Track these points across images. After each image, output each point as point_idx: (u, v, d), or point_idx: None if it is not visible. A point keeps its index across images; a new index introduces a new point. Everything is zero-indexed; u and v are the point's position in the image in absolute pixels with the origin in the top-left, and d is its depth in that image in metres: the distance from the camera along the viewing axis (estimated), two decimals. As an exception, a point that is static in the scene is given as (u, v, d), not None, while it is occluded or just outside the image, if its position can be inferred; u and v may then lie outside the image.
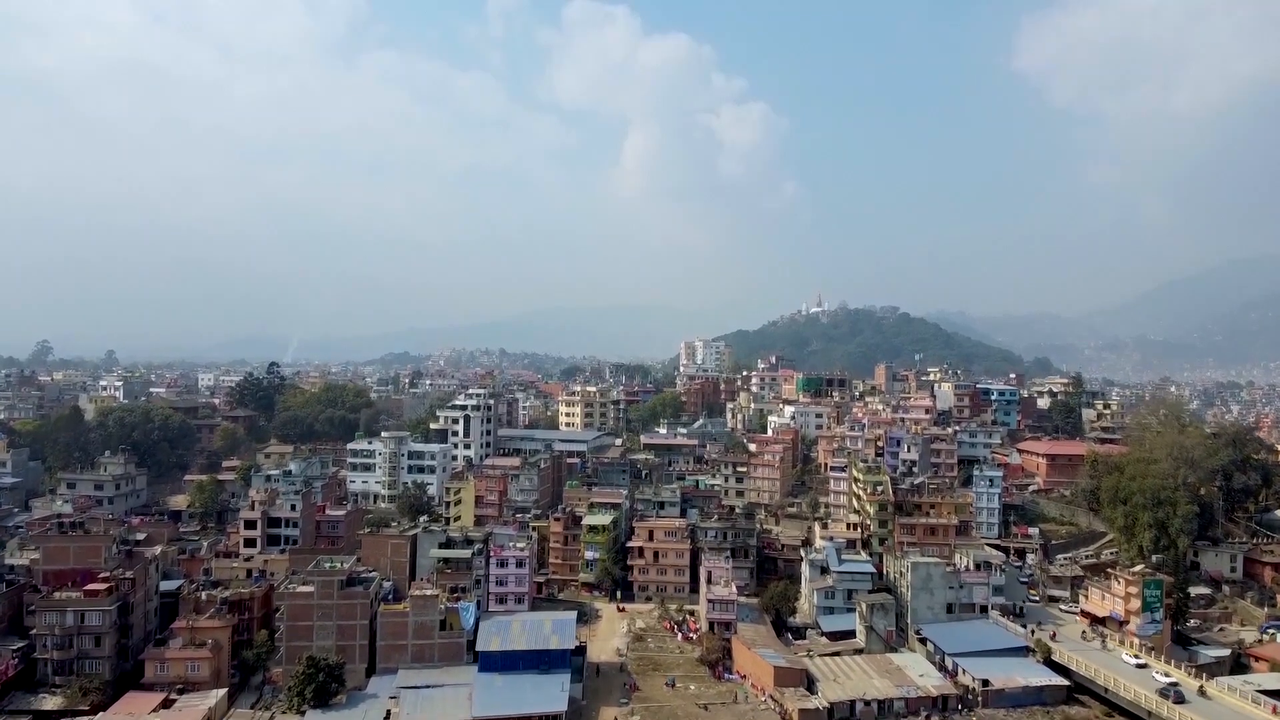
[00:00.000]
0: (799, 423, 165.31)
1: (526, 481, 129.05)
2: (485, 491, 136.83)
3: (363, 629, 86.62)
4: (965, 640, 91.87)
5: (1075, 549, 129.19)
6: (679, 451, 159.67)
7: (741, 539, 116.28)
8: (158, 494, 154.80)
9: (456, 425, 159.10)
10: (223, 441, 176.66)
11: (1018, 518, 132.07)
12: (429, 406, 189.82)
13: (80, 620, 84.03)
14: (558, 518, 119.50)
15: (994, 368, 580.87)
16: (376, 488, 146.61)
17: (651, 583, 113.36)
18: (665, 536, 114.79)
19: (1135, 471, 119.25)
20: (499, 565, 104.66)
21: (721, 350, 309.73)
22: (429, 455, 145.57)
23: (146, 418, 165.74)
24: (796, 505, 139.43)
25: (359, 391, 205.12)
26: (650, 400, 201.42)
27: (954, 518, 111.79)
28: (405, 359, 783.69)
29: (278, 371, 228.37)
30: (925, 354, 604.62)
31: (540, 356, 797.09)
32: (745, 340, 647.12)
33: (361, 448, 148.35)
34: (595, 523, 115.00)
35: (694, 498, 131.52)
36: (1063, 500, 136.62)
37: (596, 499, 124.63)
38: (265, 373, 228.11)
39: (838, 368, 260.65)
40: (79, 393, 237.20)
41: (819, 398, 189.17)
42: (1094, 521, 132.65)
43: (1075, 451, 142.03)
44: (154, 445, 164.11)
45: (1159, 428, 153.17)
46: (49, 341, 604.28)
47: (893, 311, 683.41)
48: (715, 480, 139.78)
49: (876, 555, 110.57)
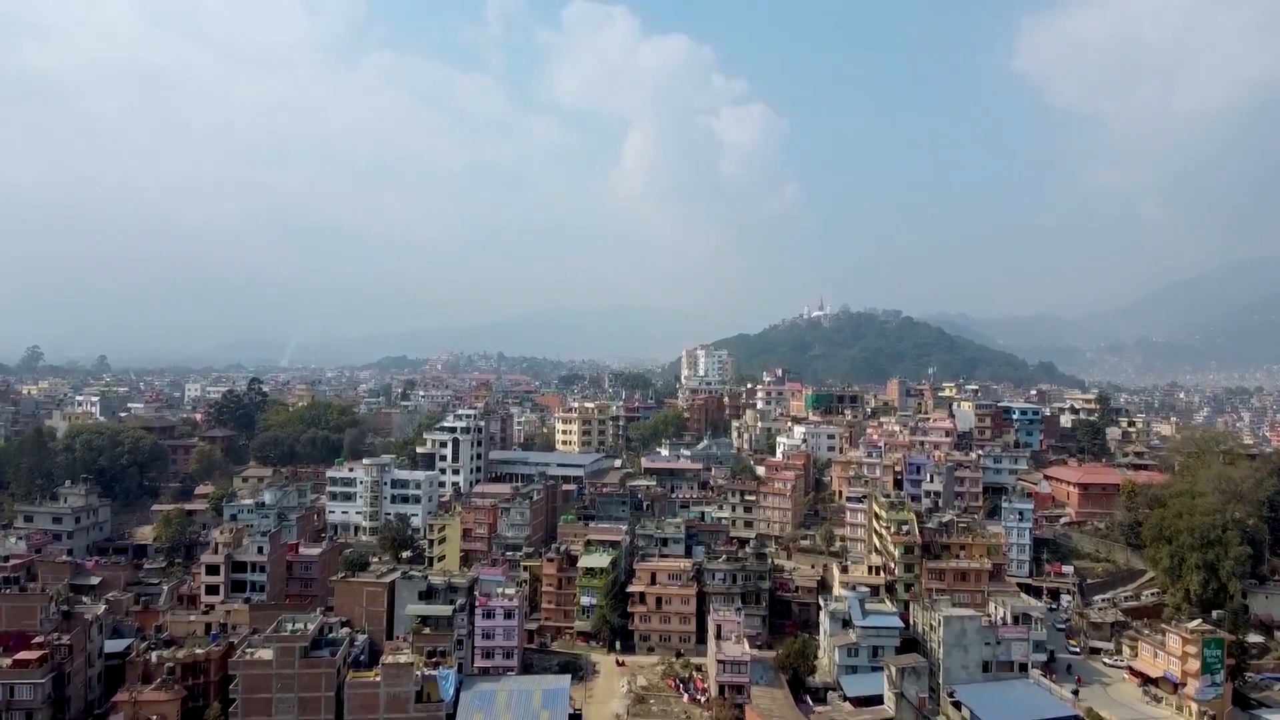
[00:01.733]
0: (810, 444, 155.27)
1: (517, 515, 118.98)
2: (473, 524, 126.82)
3: (328, 702, 76.45)
4: (1005, 706, 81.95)
5: (1113, 588, 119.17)
6: (682, 477, 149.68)
7: (753, 582, 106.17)
8: (124, 525, 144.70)
9: (445, 449, 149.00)
10: (198, 464, 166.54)
11: (1050, 554, 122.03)
12: (418, 425, 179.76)
13: (9, 694, 74.03)
14: (551, 558, 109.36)
15: (999, 373, 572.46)
16: (357, 519, 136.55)
17: (654, 632, 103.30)
18: (669, 580, 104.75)
19: (1181, 507, 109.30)
20: (485, 616, 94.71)
21: (723, 359, 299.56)
22: (413, 484, 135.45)
23: (114, 441, 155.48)
24: (810, 538, 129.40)
25: (343, 409, 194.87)
26: (651, 418, 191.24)
27: (986, 560, 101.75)
28: (403, 363, 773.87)
29: (259, 387, 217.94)
30: (929, 359, 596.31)
31: (539, 360, 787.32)
32: (746, 344, 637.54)
33: (341, 475, 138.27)
34: (592, 565, 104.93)
35: (699, 533, 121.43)
36: (1097, 534, 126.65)
37: (594, 535, 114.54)
38: (247, 388, 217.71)
39: (842, 384, 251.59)
40: (54, 409, 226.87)
41: (829, 415, 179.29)
42: (1132, 557, 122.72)
43: (1109, 480, 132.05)
44: (122, 471, 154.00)
45: (1198, 451, 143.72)
46: (40, 347, 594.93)
47: (895, 315, 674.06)
48: (723, 513, 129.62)
49: (901, 603, 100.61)
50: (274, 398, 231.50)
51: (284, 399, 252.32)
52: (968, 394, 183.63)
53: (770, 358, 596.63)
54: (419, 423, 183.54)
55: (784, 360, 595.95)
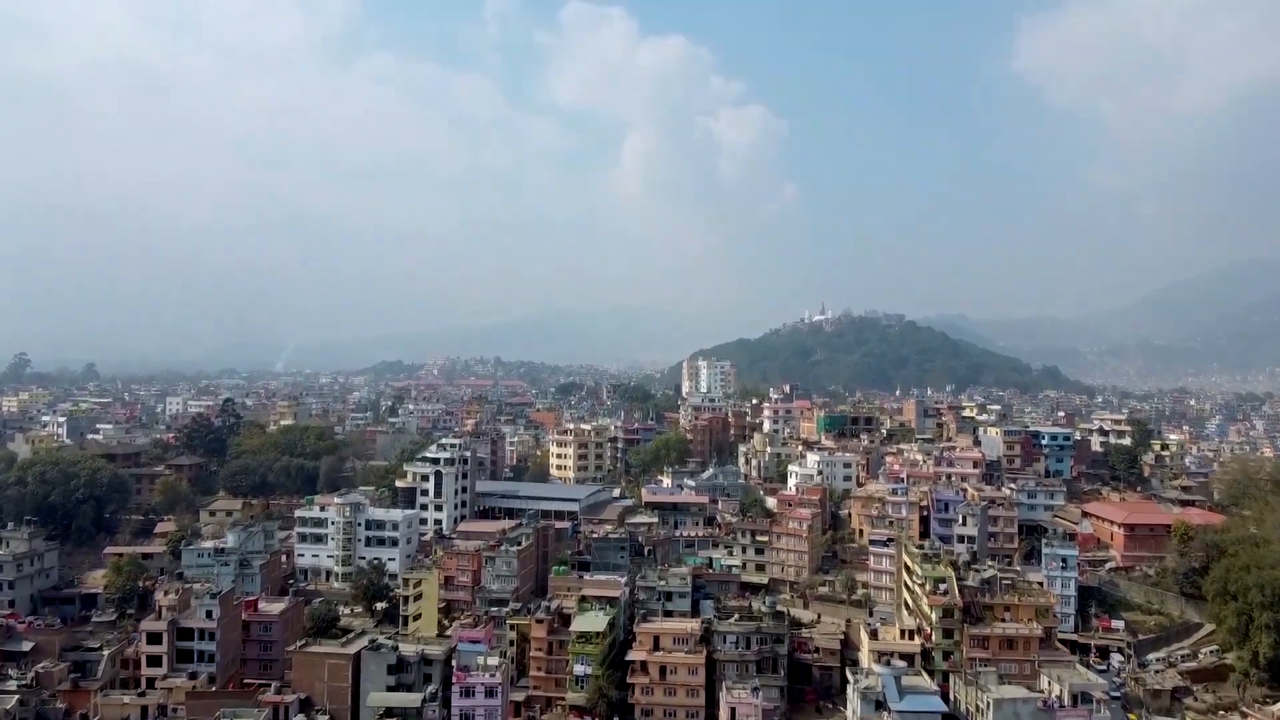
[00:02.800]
0: (825, 474, 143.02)
1: (504, 565, 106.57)
2: (456, 570, 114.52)
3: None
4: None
5: (1167, 645, 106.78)
6: (687, 511, 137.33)
7: (769, 646, 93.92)
8: (76, 569, 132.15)
9: (427, 483, 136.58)
10: (161, 497, 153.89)
11: (1097, 606, 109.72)
12: (401, 451, 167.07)
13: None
14: (540, 618, 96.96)
15: (1004, 378, 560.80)
16: (329, 563, 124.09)
17: (657, 706, 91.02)
18: (674, 645, 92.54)
19: (1248, 558, 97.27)
20: (464, 695, 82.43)
21: (726, 371, 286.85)
22: (390, 525, 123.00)
23: (68, 475, 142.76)
24: (829, 584, 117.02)
25: (321, 433, 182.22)
26: (652, 441, 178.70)
27: (1036, 625, 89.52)
28: (398, 369, 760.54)
29: (233, 408, 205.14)
30: (933, 364, 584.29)
31: (537, 365, 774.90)
32: (748, 350, 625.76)
33: (311, 515, 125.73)
34: (587, 629, 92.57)
35: (707, 584, 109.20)
36: (1147, 581, 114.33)
37: (589, 589, 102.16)
38: (221, 409, 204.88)
39: (845, 390, 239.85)
40: (17, 430, 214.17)
41: (843, 439, 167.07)
42: (1186, 608, 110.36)
43: (1159, 521, 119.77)
44: (76, 507, 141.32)
45: (1247, 482, 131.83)
46: (27, 354, 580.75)
47: (898, 320, 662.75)
48: (733, 559, 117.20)
49: (940, 673, 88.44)
50: (251, 418, 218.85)
51: (264, 417, 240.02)
52: (993, 417, 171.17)
53: (772, 364, 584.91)
54: (402, 448, 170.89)
55: (785, 366, 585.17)
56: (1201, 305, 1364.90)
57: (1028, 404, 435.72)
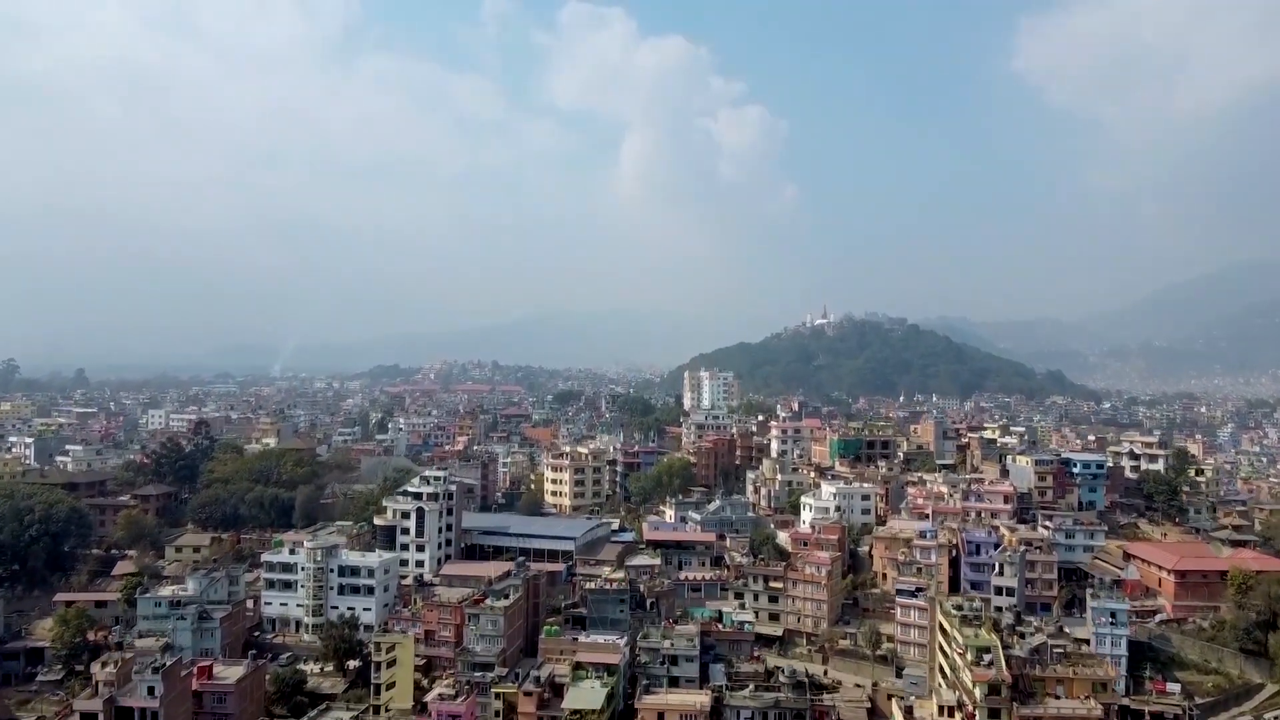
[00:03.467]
0: (843, 507, 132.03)
1: (489, 624, 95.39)
2: (437, 625, 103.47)
3: None
4: None
5: (1227, 709, 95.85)
6: (692, 550, 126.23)
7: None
8: (26, 617, 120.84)
9: (408, 521, 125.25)
10: (124, 531, 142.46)
11: (1150, 666, 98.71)
12: (384, 479, 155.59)
13: None
14: (529, 690, 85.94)
15: (1009, 383, 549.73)
16: (298, 612, 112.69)
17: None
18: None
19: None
20: (441, 790, 71.50)
21: (729, 382, 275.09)
22: (366, 571, 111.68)
23: (18, 511, 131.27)
24: (850, 637, 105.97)
25: (300, 458, 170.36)
26: (654, 466, 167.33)
27: (1095, 704, 78.53)
28: (395, 373, 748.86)
29: (206, 430, 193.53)
30: (937, 369, 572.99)
31: (534, 370, 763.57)
32: (748, 354, 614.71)
33: (279, 560, 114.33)
34: (582, 706, 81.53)
35: (717, 644, 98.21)
36: (1202, 635, 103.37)
37: (584, 653, 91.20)
38: (193, 431, 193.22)
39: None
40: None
41: (858, 464, 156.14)
42: (1247, 667, 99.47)
43: (1213, 567, 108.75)
44: (29, 545, 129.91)
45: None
46: (15, 360, 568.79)
47: (900, 324, 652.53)
48: (745, 615, 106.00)
49: (986, 759, 77.44)
50: (231, 438, 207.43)
51: (246, 433, 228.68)
52: (1018, 441, 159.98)
53: (773, 369, 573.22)
54: (385, 475, 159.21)
55: (787, 371, 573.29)
56: (1202, 307, 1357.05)
57: (1034, 410, 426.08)
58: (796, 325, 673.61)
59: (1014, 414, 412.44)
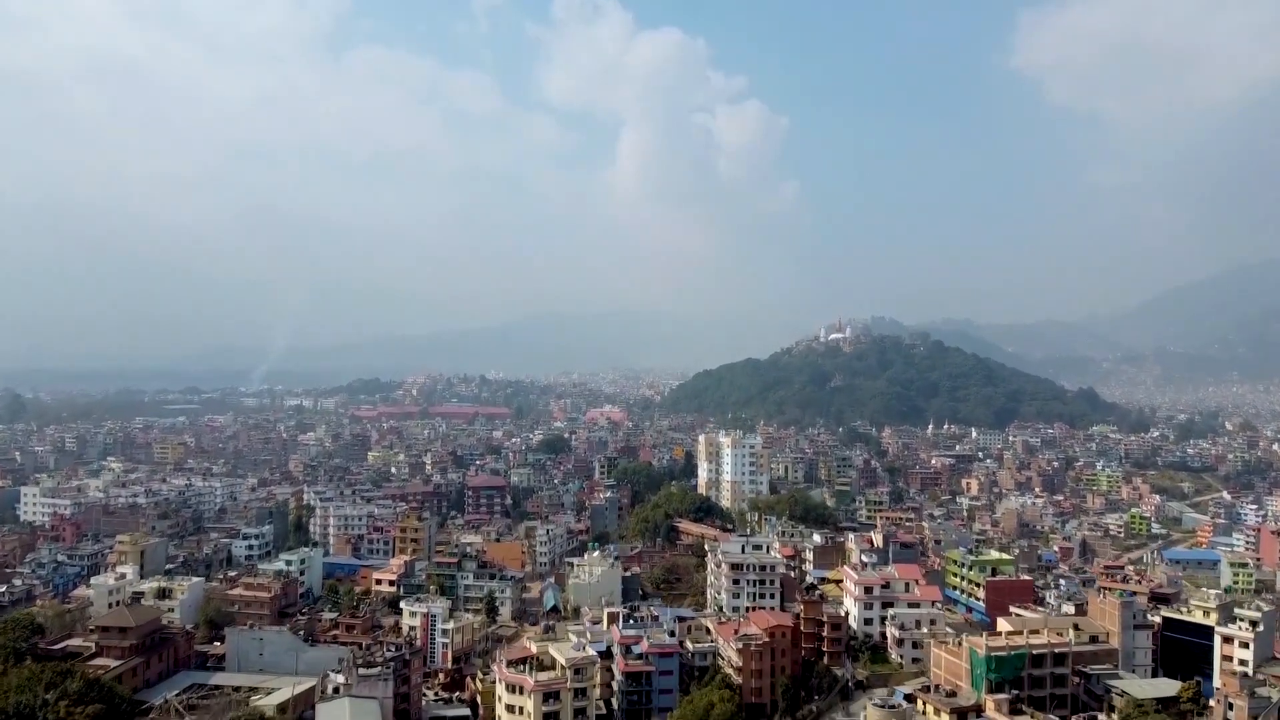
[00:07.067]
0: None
1: None
2: None
3: None
4: None
5: None
6: None
7: None
8: None
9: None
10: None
11: None
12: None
13: None
14: None
15: (1045, 409, 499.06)
16: None
17: None
18: None
19: None
20: None
21: (755, 449, 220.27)
22: None
23: None
24: None
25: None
26: (678, 710, 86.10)
27: None
28: (375, 387, 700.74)
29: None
30: (967, 392, 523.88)
31: (525, 385, 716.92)
32: (758, 372, 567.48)
33: None
34: None
35: None
36: None
37: None
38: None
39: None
40: None
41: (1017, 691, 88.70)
42: None
43: None
44: None
45: None
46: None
47: (923, 338, 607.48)
48: None
49: None
50: (17, 615, 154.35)
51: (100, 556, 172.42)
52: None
53: (786, 391, 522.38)
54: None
55: (803, 395, 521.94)
56: (1213, 309, 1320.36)
57: (1081, 443, 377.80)
58: (809, 340, 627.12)
59: (1060, 447, 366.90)
